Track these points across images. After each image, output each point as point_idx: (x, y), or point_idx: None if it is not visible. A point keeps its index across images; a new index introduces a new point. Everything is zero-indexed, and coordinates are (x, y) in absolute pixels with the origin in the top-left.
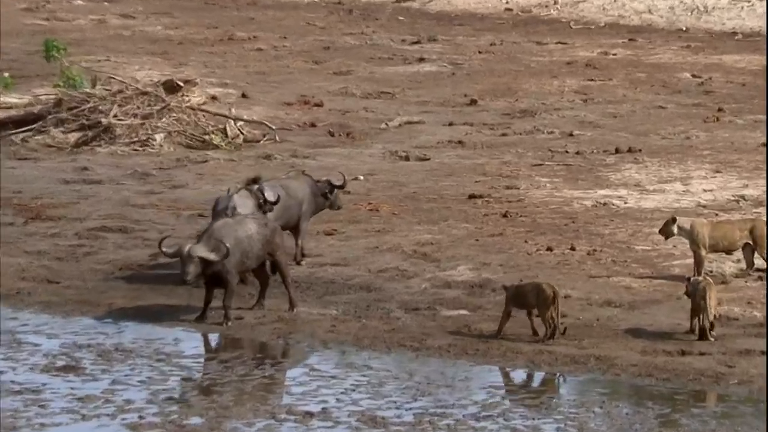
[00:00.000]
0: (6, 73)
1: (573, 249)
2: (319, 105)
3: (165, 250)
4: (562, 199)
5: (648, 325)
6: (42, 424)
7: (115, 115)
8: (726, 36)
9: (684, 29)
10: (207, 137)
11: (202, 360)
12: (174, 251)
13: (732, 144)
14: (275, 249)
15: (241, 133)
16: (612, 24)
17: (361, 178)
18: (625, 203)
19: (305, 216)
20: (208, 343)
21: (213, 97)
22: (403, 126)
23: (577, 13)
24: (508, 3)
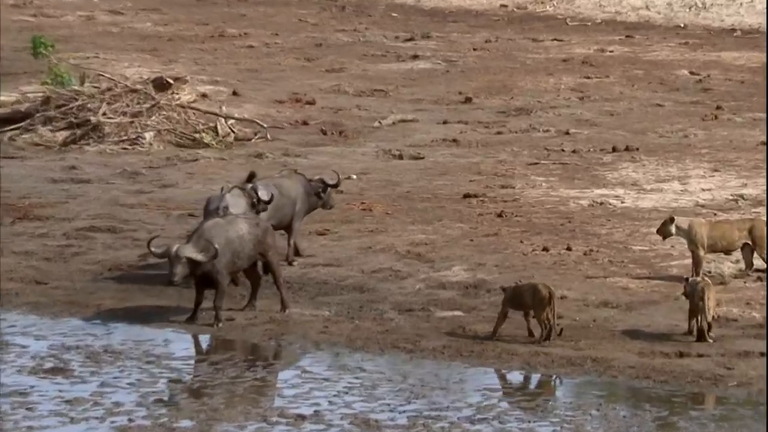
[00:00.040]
0: None
1: (569, 249)
2: (312, 103)
3: (154, 250)
4: (558, 199)
5: (645, 327)
6: (30, 427)
7: (104, 113)
8: (725, 33)
9: (682, 26)
10: (197, 136)
11: (192, 362)
12: (162, 251)
13: (731, 142)
14: (267, 249)
15: (232, 132)
16: (609, 20)
17: (354, 177)
18: (623, 203)
19: (298, 215)
20: (198, 345)
21: (203, 95)
22: (397, 124)
23: (573, 10)
24: None
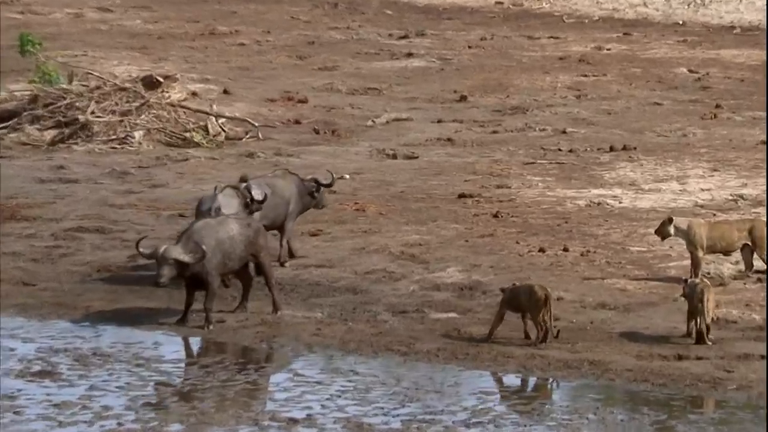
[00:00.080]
0: None
1: (566, 250)
2: (304, 101)
3: (142, 250)
4: (554, 199)
5: (643, 329)
6: (17, 431)
7: (93, 112)
8: (724, 30)
9: (680, 23)
10: (187, 135)
11: (182, 365)
12: (150, 252)
13: (730, 141)
14: (259, 250)
15: (223, 131)
16: (606, 18)
17: (347, 177)
18: (620, 203)
19: (292, 216)
20: (188, 348)
21: (194, 94)
22: (391, 123)
23: (570, 7)
24: None
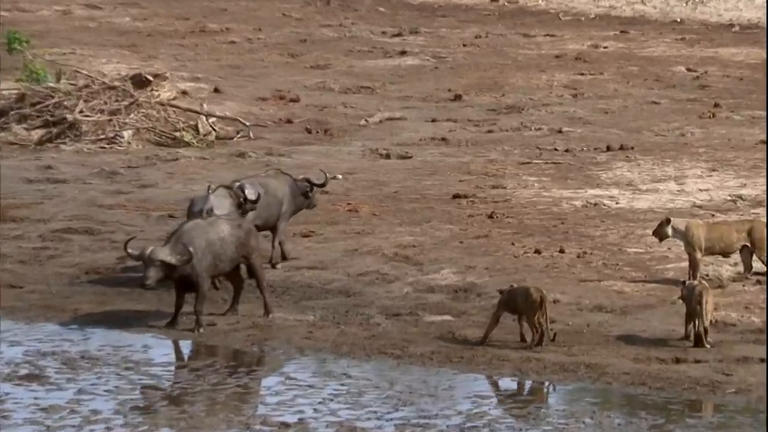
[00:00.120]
0: None
1: (562, 251)
2: (296, 100)
3: (130, 251)
4: (550, 199)
5: (641, 332)
6: None
7: (81, 111)
8: (723, 28)
9: (678, 21)
10: (177, 134)
11: (172, 368)
12: (138, 254)
13: (729, 141)
14: (250, 252)
15: (214, 130)
16: (603, 15)
17: (340, 177)
18: (617, 203)
19: (284, 216)
20: (178, 351)
21: (184, 92)
22: (384, 122)
23: (567, 4)
24: None
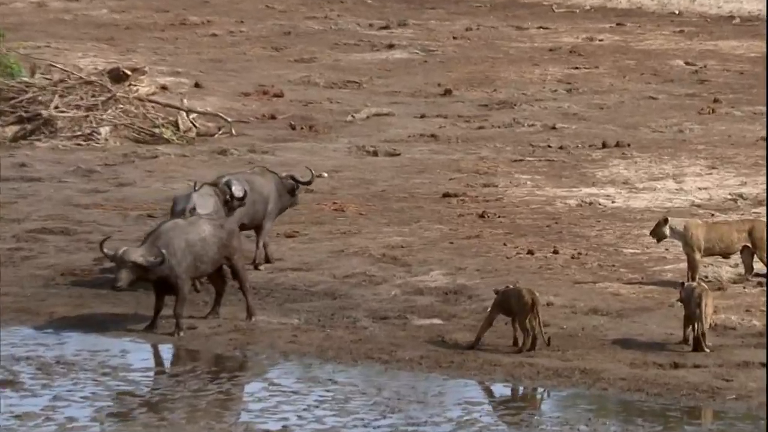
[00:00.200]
0: None
1: (556, 252)
2: (279, 95)
3: (107, 251)
4: (544, 198)
5: (638, 335)
6: None
7: (57, 107)
8: (722, 20)
9: (677, 13)
10: (157, 131)
11: (151, 374)
12: (112, 254)
13: (729, 138)
14: (232, 253)
15: (194, 126)
16: (598, 7)
17: (325, 175)
18: (613, 202)
19: (270, 216)
20: (158, 356)
21: (163, 87)
22: (371, 118)
23: None
24: None
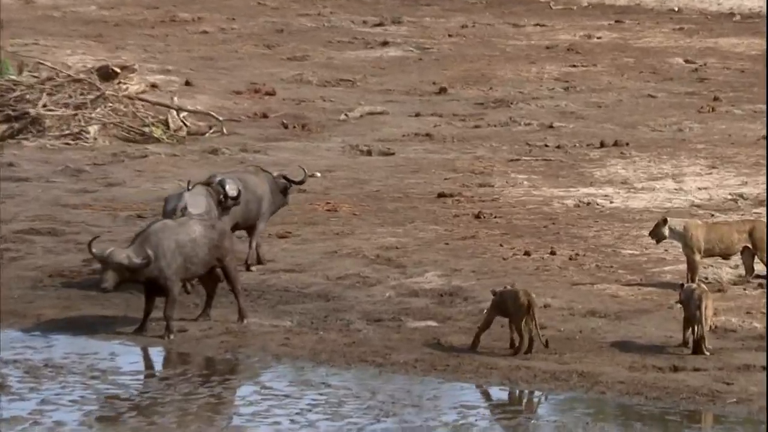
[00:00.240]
0: None
1: (553, 253)
2: (272, 94)
3: (95, 252)
4: (541, 198)
5: (636, 338)
6: None
7: (45, 105)
8: (723, 17)
9: (676, 9)
10: (146, 129)
11: (141, 377)
12: (98, 255)
13: (729, 137)
14: (224, 254)
15: (185, 125)
16: (596, 4)
17: (318, 174)
18: (611, 203)
19: (264, 216)
20: (147, 359)
21: (153, 85)
22: (365, 117)
23: None
24: None
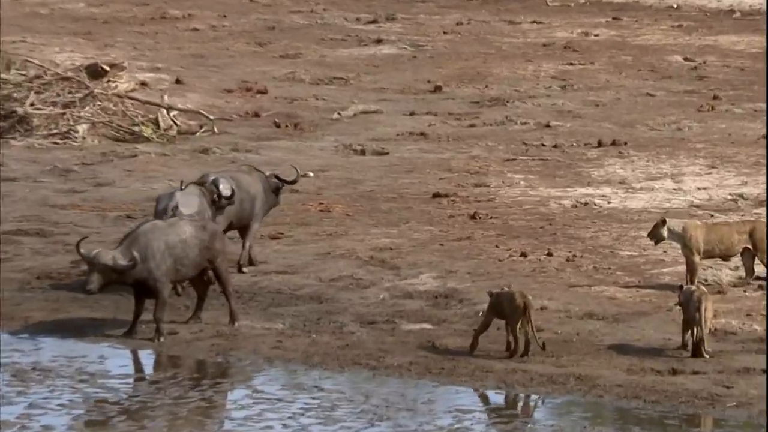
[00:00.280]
0: None
1: (550, 255)
2: (263, 92)
3: (83, 252)
4: (537, 199)
5: (635, 341)
6: None
7: (32, 104)
8: (722, 14)
9: (675, 6)
10: (136, 129)
11: (130, 381)
12: (86, 255)
13: (729, 136)
14: (215, 255)
15: (175, 124)
16: (594, 1)
17: (311, 174)
18: (609, 203)
19: (258, 216)
20: (137, 362)
21: (143, 84)
22: (359, 116)
23: None
24: None
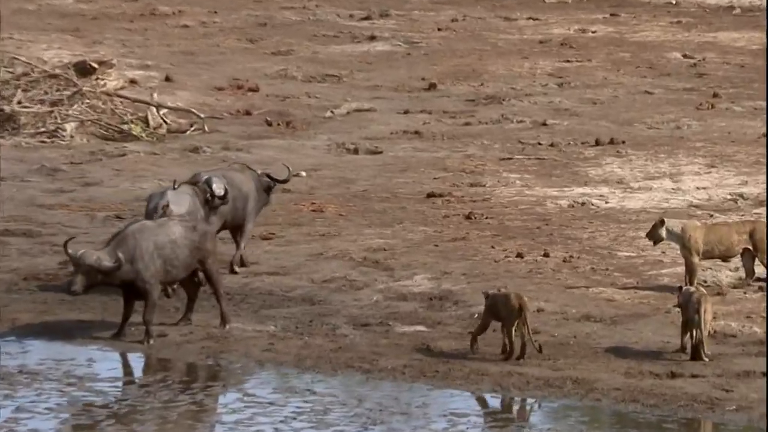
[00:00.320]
0: None
1: (546, 255)
2: (255, 90)
3: (71, 252)
4: (534, 199)
5: (633, 343)
6: None
7: (19, 102)
8: (722, 10)
9: (673, 2)
10: (125, 127)
11: (119, 384)
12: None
13: (729, 134)
14: (206, 256)
15: (165, 123)
16: None
17: (304, 174)
18: (607, 203)
19: (251, 215)
20: (126, 364)
21: (132, 81)
22: (352, 114)
23: None
24: None
